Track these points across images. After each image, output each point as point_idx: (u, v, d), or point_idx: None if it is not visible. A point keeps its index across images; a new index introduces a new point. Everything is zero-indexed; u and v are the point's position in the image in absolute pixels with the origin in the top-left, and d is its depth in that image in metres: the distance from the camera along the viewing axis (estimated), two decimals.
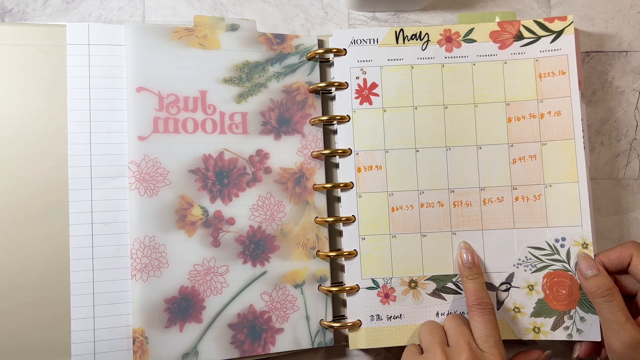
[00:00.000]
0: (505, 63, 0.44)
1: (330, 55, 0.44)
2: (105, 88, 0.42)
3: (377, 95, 0.44)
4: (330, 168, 0.45)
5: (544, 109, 0.43)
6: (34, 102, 0.41)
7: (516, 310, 0.42)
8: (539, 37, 0.44)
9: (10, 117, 0.41)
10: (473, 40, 0.44)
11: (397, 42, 0.44)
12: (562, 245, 0.42)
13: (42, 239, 0.40)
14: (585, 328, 0.42)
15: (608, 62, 0.48)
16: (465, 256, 0.41)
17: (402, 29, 0.44)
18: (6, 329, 0.39)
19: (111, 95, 0.42)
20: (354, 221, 0.43)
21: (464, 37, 0.44)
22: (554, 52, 0.43)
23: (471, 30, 0.44)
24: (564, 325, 0.42)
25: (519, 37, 0.44)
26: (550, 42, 0.44)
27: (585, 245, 0.42)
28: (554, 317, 0.42)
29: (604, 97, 0.48)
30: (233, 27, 0.44)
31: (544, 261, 0.42)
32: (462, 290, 0.43)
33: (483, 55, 0.44)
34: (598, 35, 0.48)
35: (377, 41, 0.44)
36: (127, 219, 0.41)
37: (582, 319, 0.42)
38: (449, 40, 0.44)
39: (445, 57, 0.44)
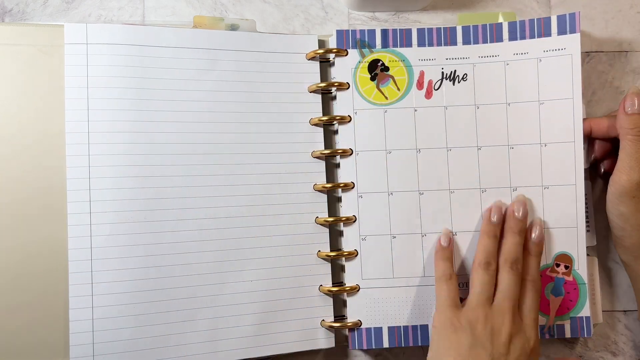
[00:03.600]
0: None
1: (331, 55, 0.44)
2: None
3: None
4: (331, 168, 0.45)
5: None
6: (33, 102, 0.41)
7: None
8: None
9: (10, 117, 0.41)
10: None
11: None
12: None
13: (41, 239, 0.40)
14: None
15: (608, 62, 0.48)
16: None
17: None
18: (4, 329, 0.39)
19: None
20: (354, 221, 0.43)
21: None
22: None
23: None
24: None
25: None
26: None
27: None
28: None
29: (604, 97, 0.48)
30: (233, 27, 0.44)
31: None
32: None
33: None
34: (598, 35, 0.48)
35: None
36: None
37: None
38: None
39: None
